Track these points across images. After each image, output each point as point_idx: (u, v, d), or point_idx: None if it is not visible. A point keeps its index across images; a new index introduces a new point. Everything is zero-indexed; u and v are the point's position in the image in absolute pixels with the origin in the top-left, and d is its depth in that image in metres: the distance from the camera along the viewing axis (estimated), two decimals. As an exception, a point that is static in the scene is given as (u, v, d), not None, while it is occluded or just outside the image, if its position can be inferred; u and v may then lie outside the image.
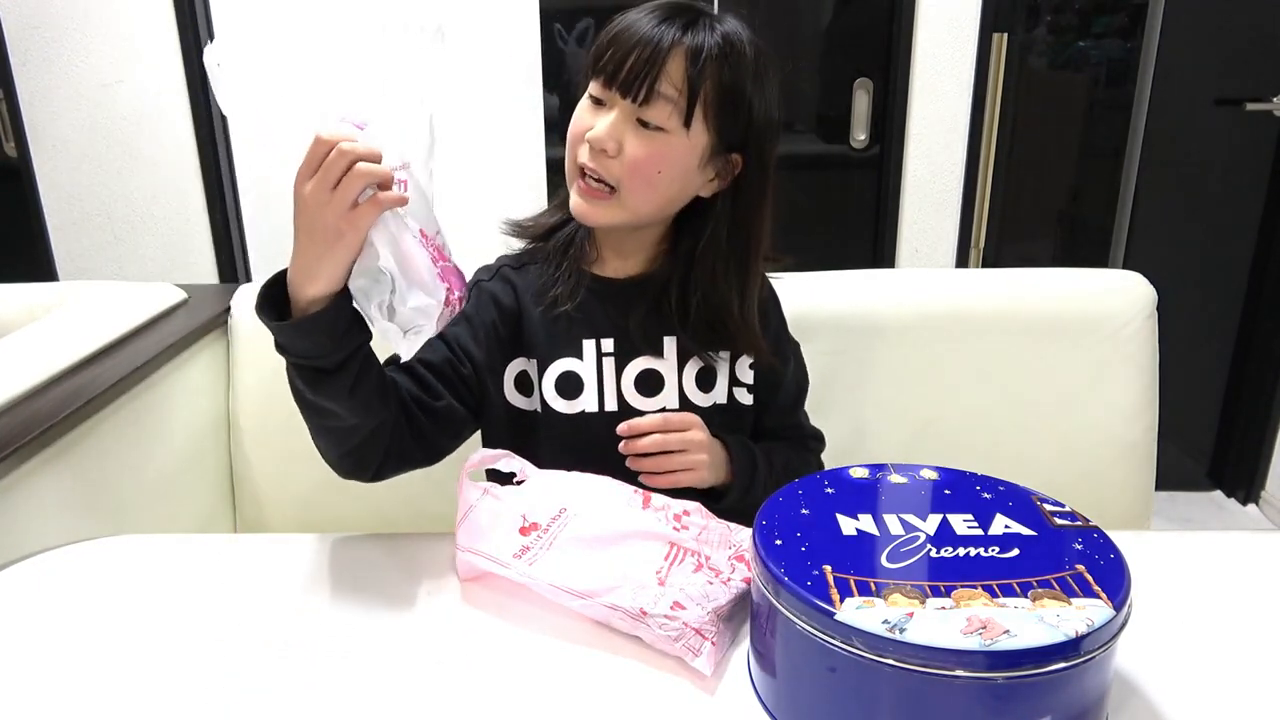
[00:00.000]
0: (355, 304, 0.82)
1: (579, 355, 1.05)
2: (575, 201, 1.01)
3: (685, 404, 1.06)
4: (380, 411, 0.90)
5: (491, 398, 1.05)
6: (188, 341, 1.39)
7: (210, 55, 0.75)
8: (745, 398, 1.09)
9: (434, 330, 0.81)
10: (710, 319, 1.04)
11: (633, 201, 0.98)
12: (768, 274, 1.12)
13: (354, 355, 0.84)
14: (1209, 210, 2.59)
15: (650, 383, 1.06)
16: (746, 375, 1.09)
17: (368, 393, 0.87)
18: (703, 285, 1.03)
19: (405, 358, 0.83)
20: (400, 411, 0.94)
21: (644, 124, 0.95)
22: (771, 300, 1.14)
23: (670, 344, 1.06)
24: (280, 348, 0.84)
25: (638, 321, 1.05)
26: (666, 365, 1.06)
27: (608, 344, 1.06)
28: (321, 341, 0.81)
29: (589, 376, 1.05)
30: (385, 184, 0.77)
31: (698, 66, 0.93)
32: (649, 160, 0.96)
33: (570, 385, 1.05)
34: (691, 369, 1.07)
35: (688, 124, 0.95)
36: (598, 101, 0.98)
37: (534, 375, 1.06)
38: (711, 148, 0.98)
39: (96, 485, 1.21)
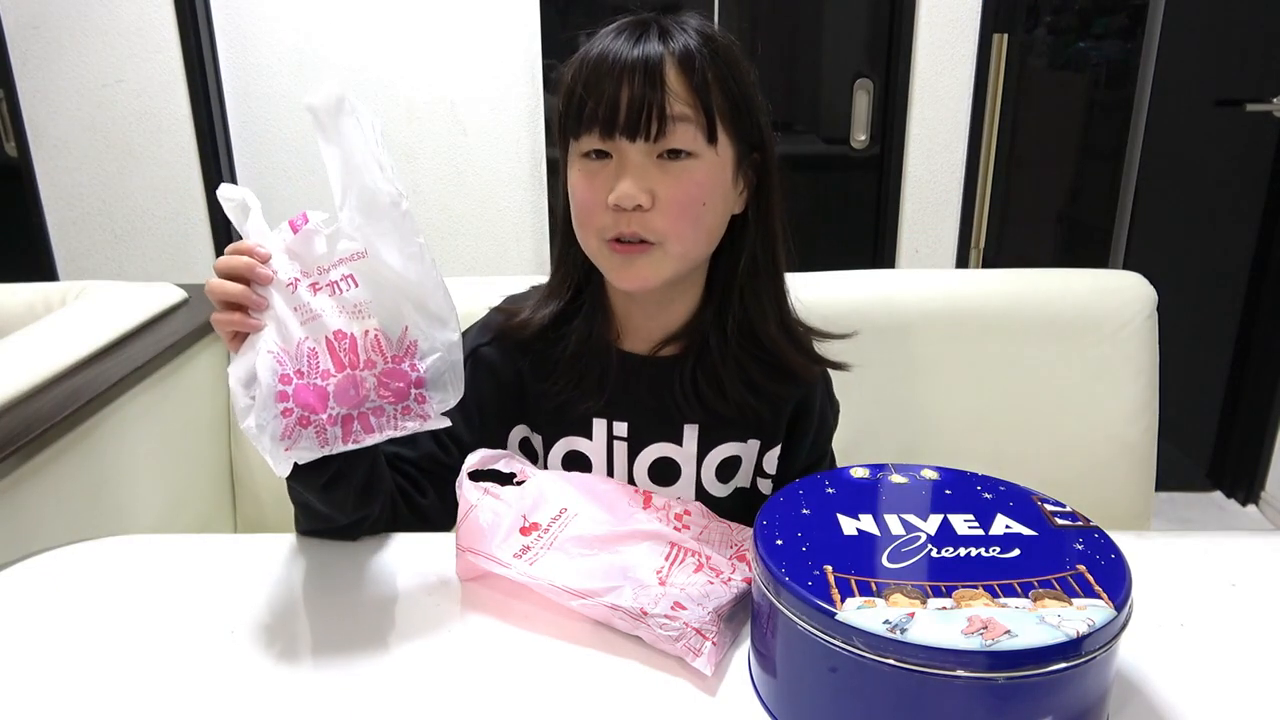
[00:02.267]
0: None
1: (588, 435, 0.96)
2: (617, 274, 0.89)
3: (701, 494, 0.99)
4: (358, 511, 0.87)
5: None
6: (188, 342, 1.39)
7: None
8: (767, 487, 1.02)
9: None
10: (752, 347, 0.95)
11: (679, 247, 0.87)
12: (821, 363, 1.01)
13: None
14: (1209, 210, 2.59)
15: (665, 472, 0.97)
16: (773, 466, 1.02)
17: (348, 494, 0.85)
18: (743, 306, 0.93)
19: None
20: (386, 508, 0.90)
21: (671, 155, 0.84)
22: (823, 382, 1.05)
23: (691, 432, 0.96)
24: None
25: (657, 405, 0.95)
26: (684, 454, 0.97)
27: (620, 428, 0.96)
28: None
29: (598, 459, 0.97)
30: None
31: (697, 73, 0.83)
32: (690, 196, 0.85)
33: (577, 466, 0.98)
34: (713, 460, 0.98)
35: (712, 139, 0.84)
36: (600, 154, 0.86)
37: (538, 447, 0.99)
38: (737, 156, 0.88)
39: (96, 485, 1.21)
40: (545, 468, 0.98)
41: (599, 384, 0.94)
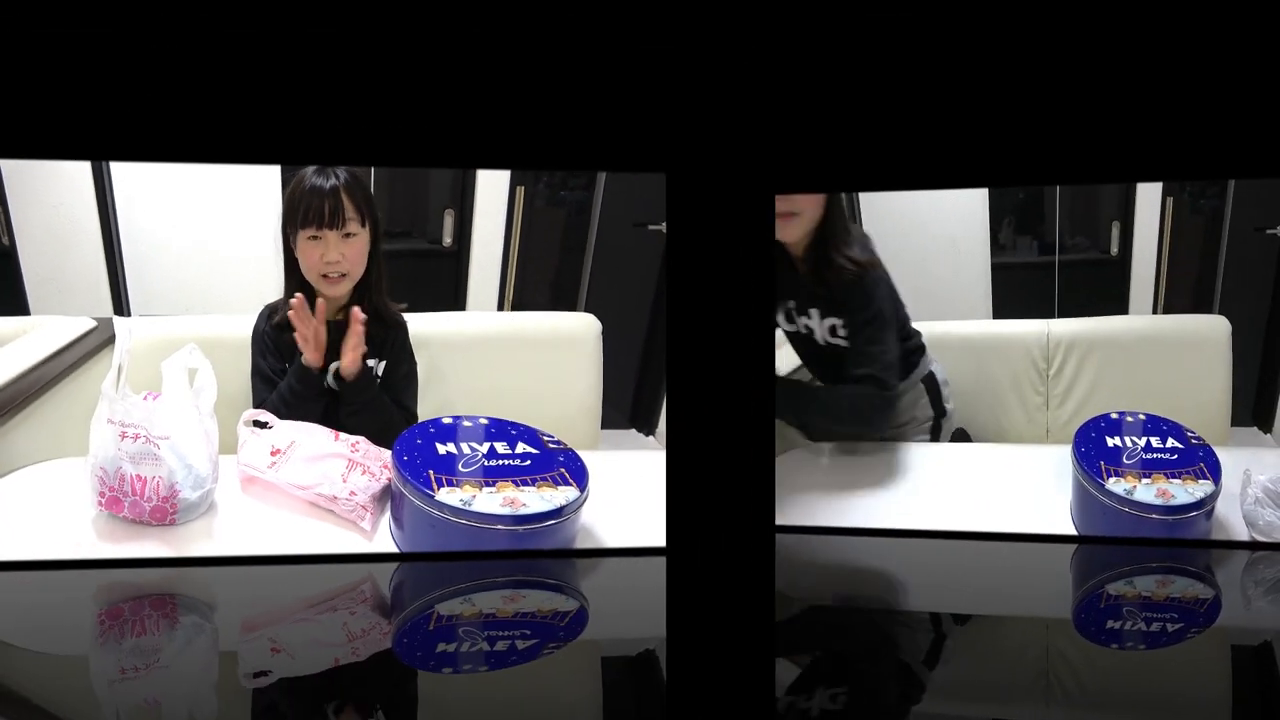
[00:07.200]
0: None
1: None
2: (323, 289, 1.45)
3: None
4: None
5: None
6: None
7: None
8: None
9: None
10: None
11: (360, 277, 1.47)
12: None
13: None
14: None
15: None
16: None
17: None
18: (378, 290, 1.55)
19: None
20: None
21: (347, 236, 1.45)
22: None
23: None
24: None
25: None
26: None
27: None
28: None
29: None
30: None
31: (357, 193, 1.49)
32: (360, 254, 1.46)
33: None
34: None
35: (364, 225, 1.47)
36: (314, 237, 1.43)
37: None
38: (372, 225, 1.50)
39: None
40: None
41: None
